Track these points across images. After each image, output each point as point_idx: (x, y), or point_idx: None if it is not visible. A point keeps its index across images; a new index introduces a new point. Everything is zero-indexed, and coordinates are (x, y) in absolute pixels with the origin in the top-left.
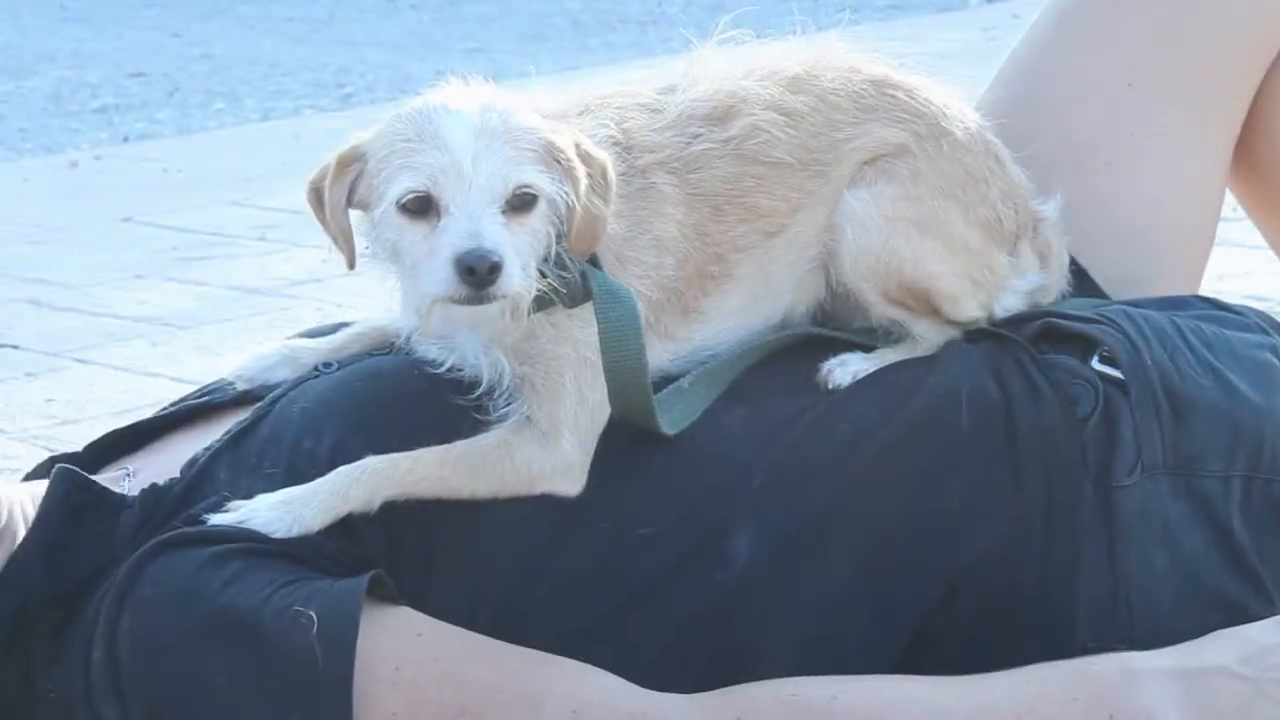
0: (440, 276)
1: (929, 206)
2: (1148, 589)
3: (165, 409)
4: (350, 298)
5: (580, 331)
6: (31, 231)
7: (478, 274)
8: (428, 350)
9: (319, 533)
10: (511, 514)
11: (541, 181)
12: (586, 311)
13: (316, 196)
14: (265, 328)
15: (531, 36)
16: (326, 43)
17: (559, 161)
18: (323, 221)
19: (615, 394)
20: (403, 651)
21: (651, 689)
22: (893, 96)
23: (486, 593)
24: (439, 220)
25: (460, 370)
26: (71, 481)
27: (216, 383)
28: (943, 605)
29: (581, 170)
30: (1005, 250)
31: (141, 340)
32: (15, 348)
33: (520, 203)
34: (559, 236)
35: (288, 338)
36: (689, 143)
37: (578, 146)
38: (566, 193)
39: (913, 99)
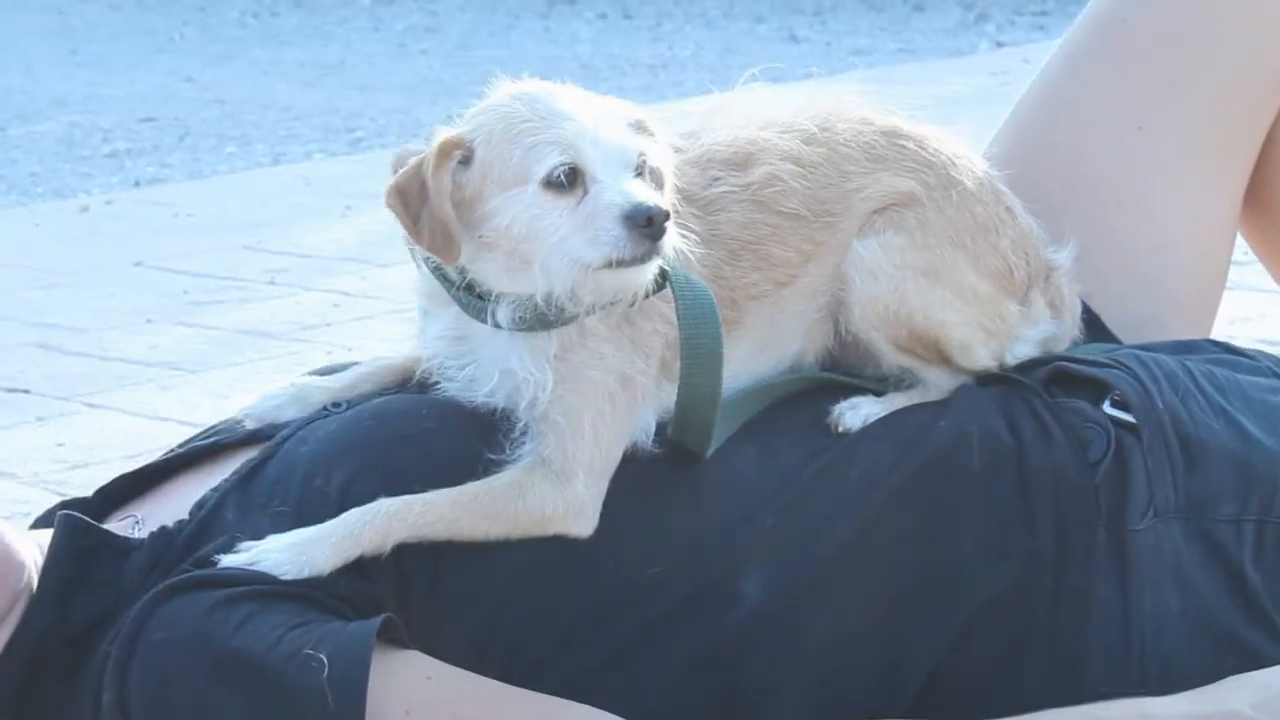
0: (611, 237)
1: (938, 255)
2: (1160, 633)
3: (173, 450)
4: (360, 341)
5: (610, 348)
6: (42, 276)
7: (655, 223)
8: (455, 379)
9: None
10: (522, 554)
11: (651, 148)
12: (615, 329)
13: (405, 198)
14: (275, 371)
15: (542, 80)
16: (338, 87)
17: (647, 132)
18: (411, 221)
19: (688, 377)
20: (413, 695)
21: None
22: (903, 146)
23: (496, 634)
24: (584, 190)
25: (490, 395)
26: (75, 526)
27: (224, 422)
28: (954, 648)
29: (665, 140)
30: (1016, 299)
31: (152, 384)
32: (26, 392)
33: (639, 170)
34: None
35: (297, 377)
36: (709, 184)
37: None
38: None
39: (923, 149)
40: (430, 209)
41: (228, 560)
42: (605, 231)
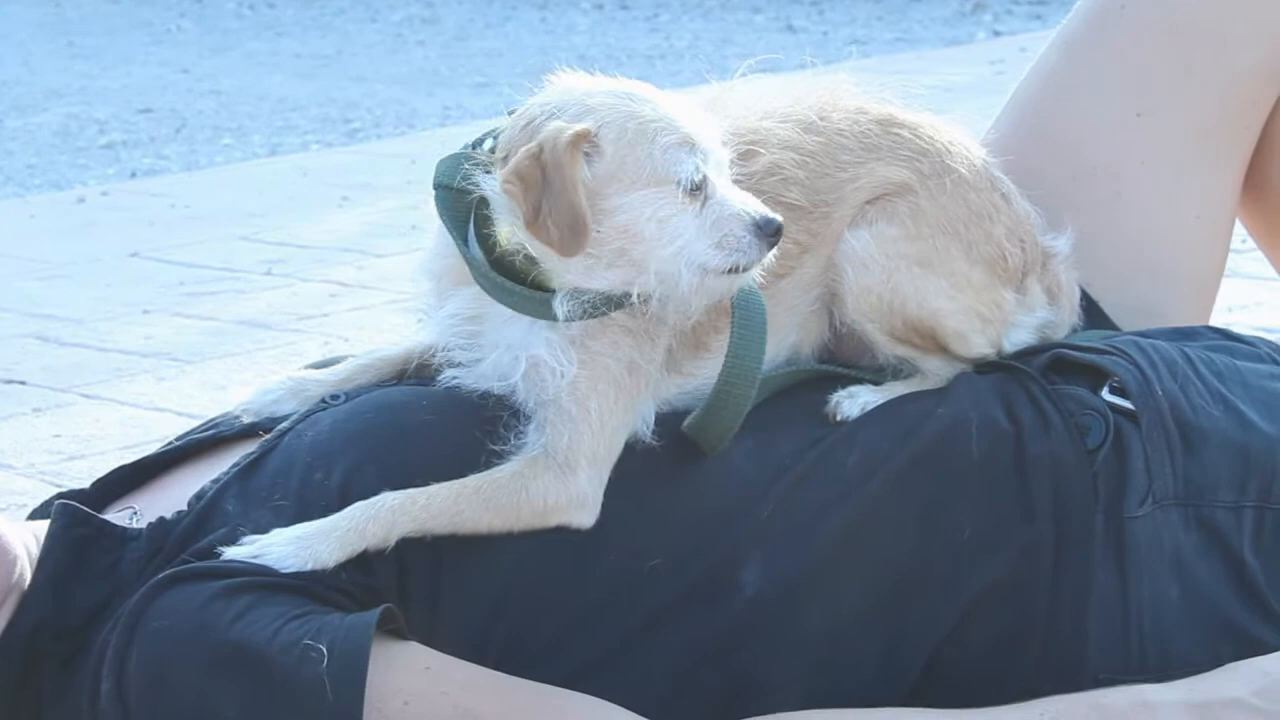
0: (741, 244)
1: (930, 244)
2: (1159, 620)
3: (171, 443)
4: (357, 331)
5: (623, 336)
6: (39, 267)
7: (780, 233)
8: (463, 364)
9: None
10: (522, 545)
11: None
12: (627, 318)
13: (526, 185)
14: (272, 362)
15: (538, 71)
16: (334, 78)
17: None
18: (532, 210)
19: (734, 355)
20: (412, 686)
21: None
22: (897, 135)
23: (497, 625)
24: (705, 196)
25: (504, 381)
26: (72, 516)
27: (222, 416)
28: (953, 636)
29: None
30: (1011, 287)
31: (148, 375)
32: (22, 383)
33: (728, 174)
34: None
35: (294, 370)
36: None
37: None
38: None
39: (917, 137)
40: (554, 199)
41: (231, 552)
42: (736, 238)
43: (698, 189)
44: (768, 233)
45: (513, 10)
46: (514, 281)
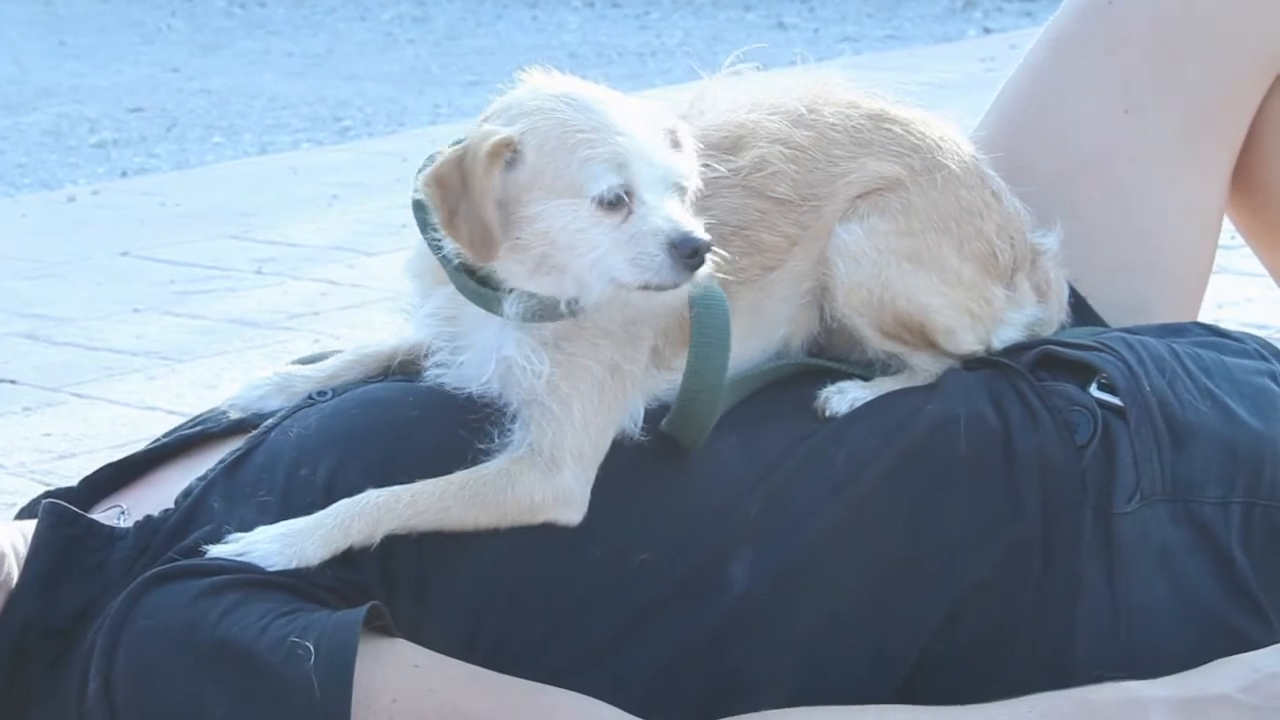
0: (654, 263)
1: (921, 240)
2: (1147, 616)
3: (158, 440)
4: (348, 329)
5: (603, 338)
6: (29, 266)
7: (699, 255)
8: (446, 362)
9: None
10: (509, 542)
11: (690, 171)
12: (608, 319)
13: (443, 189)
14: (262, 360)
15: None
16: (325, 77)
17: (681, 145)
18: (447, 214)
19: (694, 373)
20: (400, 683)
21: (649, 719)
22: (889, 130)
23: (484, 622)
24: (629, 210)
25: (484, 383)
26: (59, 515)
27: (209, 412)
28: (942, 632)
29: (695, 153)
30: (1001, 284)
31: (139, 374)
32: (13, 382)
33: (680, 188)
34: None
35: (281, 366)
36: (699, 170)
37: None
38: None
39: (909, 133)
40: (470, 206)
41: (216, 551)
42: (649, 256)
43: (615, 204)
44: (684, 253)
45: (503, 8)
46: (476, 280)
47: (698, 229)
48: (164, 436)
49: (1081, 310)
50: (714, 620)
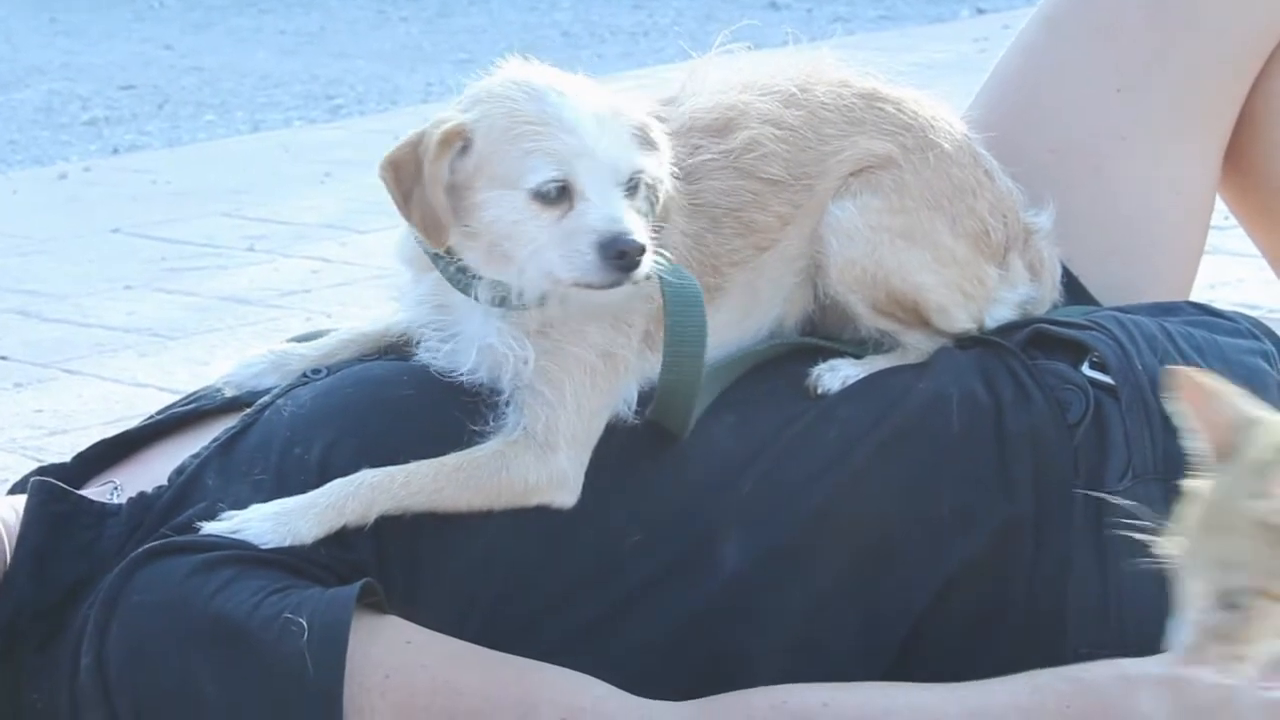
0: (584, 262)
1: (914, 218)
2: (1138, 594)
3: (152, 417)
4: (340, 307)
5: (591, 325)
6: (21, 243)
7: (629, 257)
8: (434, 348)
9: None
10: (502, 521)
11: (649, 165)
12: (594, 307)
13: (398, 173)
14: (254, 338)
15: (521, 48)
16: (317, 55)
17: (649, 140)
18: (402, 197)
19: (670, 366)
20: (392, 660)
21: (642, 695)
22: (881, 109)
23: (476, 601)
24: (570, 205)
25: (472, 371)
26: (48, 493)
27: (203, 390)
28: (933, 610)
29: (668, 151)
30: (994, 262)
31: (130, 351)
32: (4, 358)
33: (633, 186)
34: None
35: (275, 344)
36: (691, 153)
37: (655, 121)
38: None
39: (901, 111)
40: (422, 191)
41: (210, 528)
42: (579, 255)
43: (553, 198)
44: (610, 254)
45: None
46: (457, 267)
47: (633, 230)
48: (158, 413)
49: (1074, 289)
50: (706, 598)
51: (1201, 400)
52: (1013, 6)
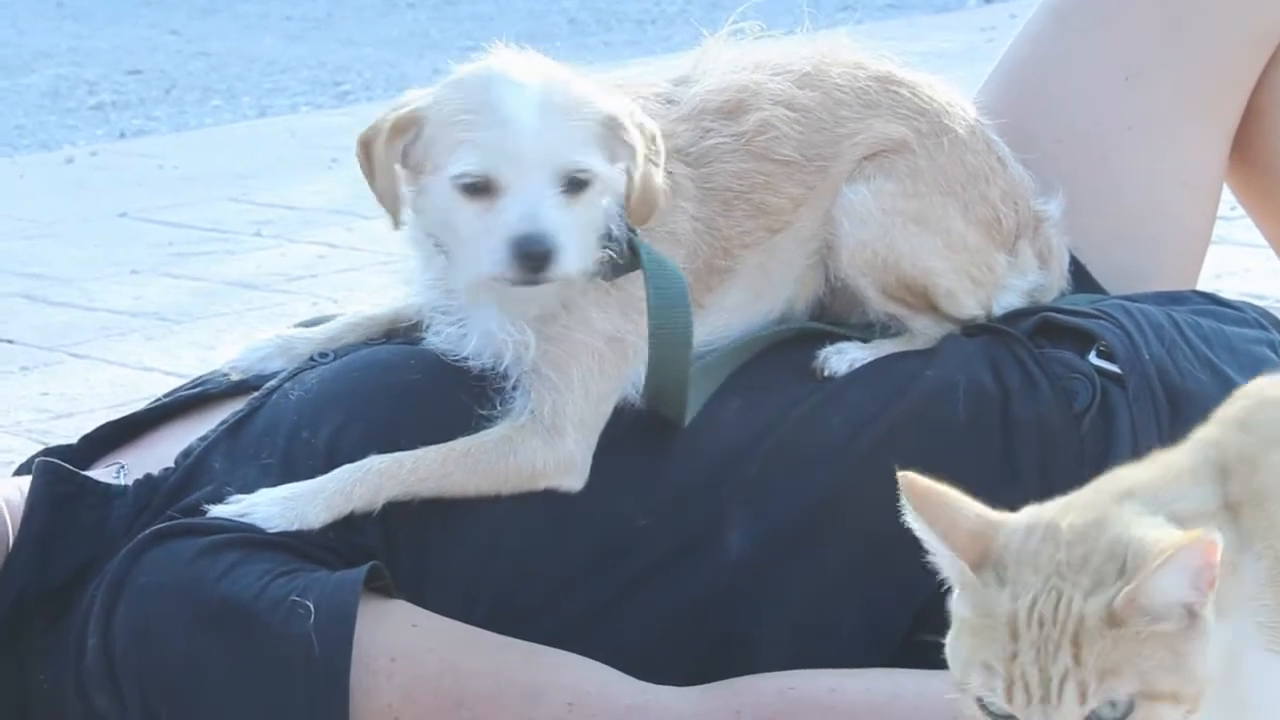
0: (496, 258)
1: (928, 202)
2: None
3: (159, 400)
4: (346, 292)
5: (595, 312)
6: (27, 227)
7: (533, 259)
8: (442, 331)
9: None
10: (510, 504)
11: (596, 164)
12: (601, 294)
13: (366, 153)
14: (261, 322)
15: (529, 35)
16: (324, 40)
17: (617, 135)
18: (369, 176)
19: (655, 365)
20: (399, 643)
21: (648, 679)
22: (896, 93)
23: (483, 585)
24: (497, 199)
25: (476, 356)
26: (53, 474)
27: (210, 373)
28: (937, 597)
29: (640, 142)
30: (1004, 249)
31: (137, 335)
32: (10, 342)
33: (578, 182)
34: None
35: (282, 329)
36: (702, 136)
37: (631, 116)
38: (624, 168)
39: (916, 96)
40: (372, 174)
41: (217, 511)
42: (493, 251)
43: (478, 190)
44: (519, 252)
45: None
46: None
47: (547, 231)
48: (164, 396)
49: (1081, 278)
50: (712, 583)
51: (936, 510)
52: None
